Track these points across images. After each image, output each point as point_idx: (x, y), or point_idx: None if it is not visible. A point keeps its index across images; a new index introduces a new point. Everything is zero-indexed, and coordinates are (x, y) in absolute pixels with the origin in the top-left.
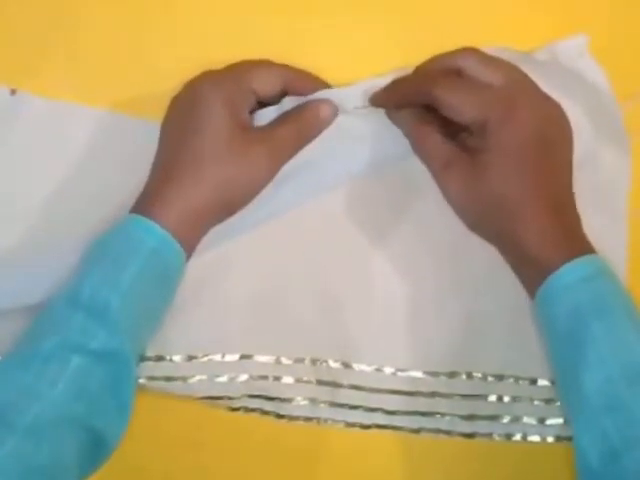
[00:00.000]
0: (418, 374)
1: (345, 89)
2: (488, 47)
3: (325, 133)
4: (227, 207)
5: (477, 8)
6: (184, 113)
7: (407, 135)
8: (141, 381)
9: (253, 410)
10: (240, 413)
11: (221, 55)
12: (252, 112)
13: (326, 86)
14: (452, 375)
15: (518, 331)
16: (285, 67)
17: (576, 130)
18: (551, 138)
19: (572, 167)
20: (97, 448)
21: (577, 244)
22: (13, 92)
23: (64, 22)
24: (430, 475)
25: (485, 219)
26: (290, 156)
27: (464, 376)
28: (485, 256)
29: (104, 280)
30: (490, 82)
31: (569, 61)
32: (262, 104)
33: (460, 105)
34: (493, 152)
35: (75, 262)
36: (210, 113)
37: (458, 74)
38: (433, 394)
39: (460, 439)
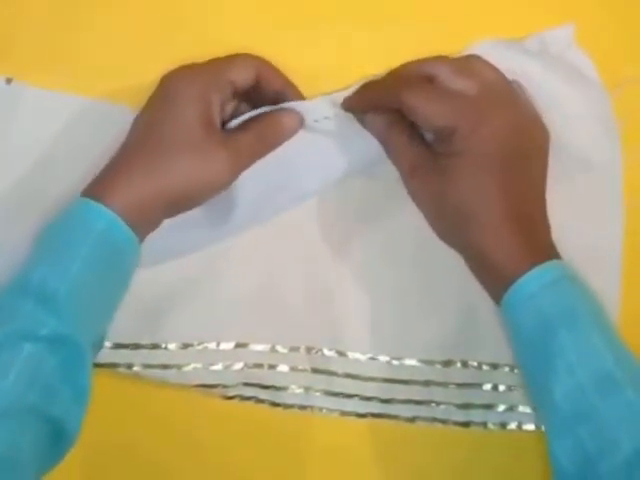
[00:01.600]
0: (413, 362)
1: (313, 101)
2: (480, 41)
3: (300, 143)
4: (178, 202)
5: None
6: (155, 106)
7: (378, 138)
8: (136, 369)
9: (248, 398)
10: (235, 402)
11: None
12: (226, 105)
13: (293, 86)
14: (447, 364)
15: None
16: (260, 59)
17: (568, 122)
18: (521, 149)
19: (544, 177)
20: (56, 437)
21: (541, 252)
22: (9, 81)
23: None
24: (428, 463)
25: (450, 226)
26: (250, 162)
27: (459, 365)
28: None
29: (52, 266)
30: (462, 90)
31: (557, 51)
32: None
33: (428, 113)
34: (459, 158)
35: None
36: (178, 109)
37: (430, 81)
38: (428, 382)
39: (455, 428)
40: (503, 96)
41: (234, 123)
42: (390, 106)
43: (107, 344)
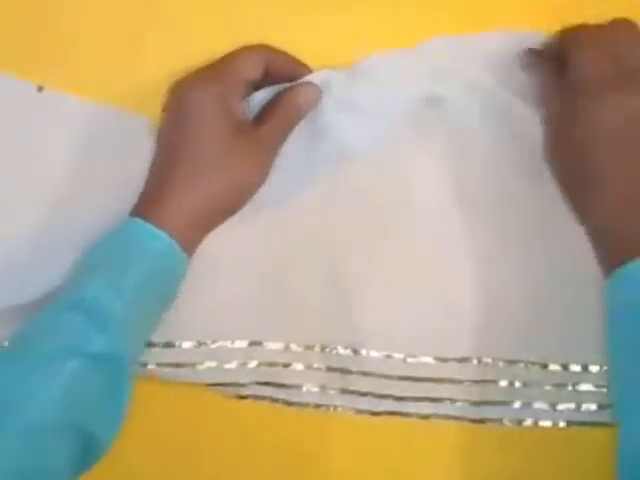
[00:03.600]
0: (428, 360)
1: (327, 72)
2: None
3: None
4: (227, 209)
5: None
6: (178, 118)
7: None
8: (150, 367)
9: (262, 398)
10: (249, 401)
11: (218, 49)
12: (243, 101)
13: (304, 66)
14: (462, 361)
15: (527, 316)
16: (264, 47)
17: None
18: None
19: None
20: (88, 451)
21: None
22: (40, 89)
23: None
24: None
25: (584, 189)
26: (278, 149)
27: (475, 361)
28: (493, 244)
29: (107, 285)
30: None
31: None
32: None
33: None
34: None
35: (72, 261)
36: (203, 117)
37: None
38: (443, 380)
39: (470, 425)
40: None
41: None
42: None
43: None
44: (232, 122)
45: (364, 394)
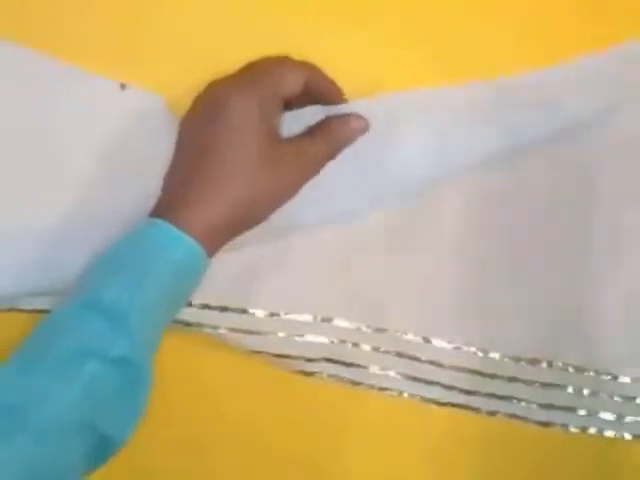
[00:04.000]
0: (499, 357)
1: (369, 102)
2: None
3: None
4: (254, 217)
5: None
6: (208, 118)
7: None
8: (221, 331)
9: (329, 376)
10: (315, 379)
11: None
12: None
13: (340, 91)
14: (533, 362)
15: (601, 327)
16: (305, 65)
17: None
18: None
19: None
20: (102, 450)
21: None
22: (123, 87)
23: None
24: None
25: None
26: (318, 170)
27: (545, 364)
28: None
29: (126, 288)
30: None
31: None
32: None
33: None
34: None
35: (97, 250)
36: (241, 122)
37: None
38: (512, 379)
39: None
40: None
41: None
42: None
43: (194, 303)
44: (270, 130)
45: (431, 383)
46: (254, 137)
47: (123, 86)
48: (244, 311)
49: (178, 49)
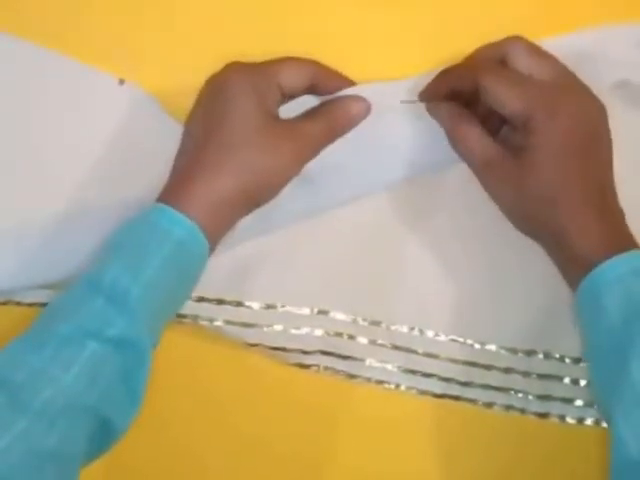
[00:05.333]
0: (495, 348)
1: (377, 85)
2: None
3: (360, 138)
4: (252, 199)
5: None
6: (211, 102)
7: (447, 131)
8: (218, 324)
9: (325, 369)
10: (311, 372)
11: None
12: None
13: (353, 85)
14: (530, 353)
15: None
16: (313, 64)
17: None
18: (595, 135)
19: (612, 165)
20: (105, 435)
21: (624, 239)
22: (121, 82)
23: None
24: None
25: (529, 218)
26: (317, 153)
27: (541, 355)
28: None
29: (126, 268)
30: (537, 74)
31: (622, 50)
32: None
33: (505, 97)
34: (538, 151)
35: (96, 244)
36: (238, 101)
37: (503, 64)
38: (509, 370)
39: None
40: (573, 81)
41: (291, 111)
42: (467, 90)
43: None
44: (267, 112)
45: (428, 375)
46: (252, 116)
47: (122, 81)
48: (240, 304)
49: (178, 49)
